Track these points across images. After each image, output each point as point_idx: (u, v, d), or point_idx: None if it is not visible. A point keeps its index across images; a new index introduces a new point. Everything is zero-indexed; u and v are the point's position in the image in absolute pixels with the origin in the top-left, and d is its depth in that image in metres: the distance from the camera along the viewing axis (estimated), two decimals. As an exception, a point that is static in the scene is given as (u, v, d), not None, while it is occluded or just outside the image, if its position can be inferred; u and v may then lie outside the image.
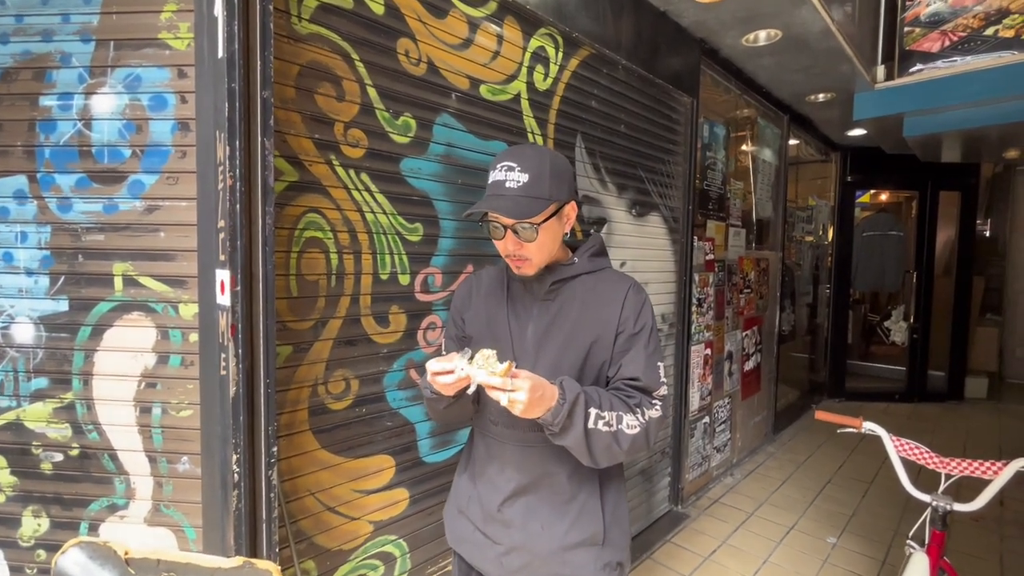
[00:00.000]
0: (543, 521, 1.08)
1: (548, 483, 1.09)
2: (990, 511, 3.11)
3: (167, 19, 1.21)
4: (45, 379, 1.26)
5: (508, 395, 0.87)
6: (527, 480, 1.09)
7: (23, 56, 1.22)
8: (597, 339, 1.06)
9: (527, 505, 1.10)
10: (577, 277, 1.10)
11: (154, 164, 1.23)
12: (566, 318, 1.07)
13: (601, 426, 0.95)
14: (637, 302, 1.07)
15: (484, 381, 0.87)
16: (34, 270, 1.25)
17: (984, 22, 3.28)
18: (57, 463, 1.27)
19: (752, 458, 3.95)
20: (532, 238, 1.00)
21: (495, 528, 1.12)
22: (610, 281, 1.10)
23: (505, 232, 1.01)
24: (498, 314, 1.13)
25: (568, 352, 1.06)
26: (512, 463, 1.10)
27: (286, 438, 1.35)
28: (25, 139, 1.23)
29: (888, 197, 6.54)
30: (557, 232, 1.05)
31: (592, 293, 1.09)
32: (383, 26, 1.49)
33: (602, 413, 0.95)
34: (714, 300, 3.28)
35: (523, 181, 0.98)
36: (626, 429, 0.97)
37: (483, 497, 1.14)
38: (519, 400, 0.86)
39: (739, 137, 3.64)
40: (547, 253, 1.05)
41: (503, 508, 1.11)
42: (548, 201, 1.00)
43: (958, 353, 5.52)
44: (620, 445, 0.97)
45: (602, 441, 0.96)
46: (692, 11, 2.54)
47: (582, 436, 0.94)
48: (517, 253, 1.03)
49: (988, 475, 1.46)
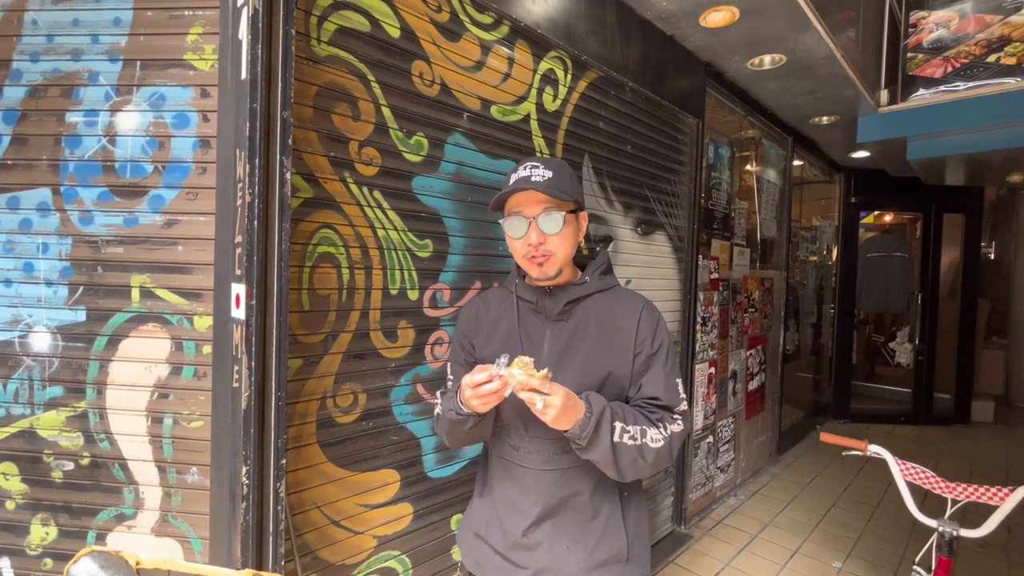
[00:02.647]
0: (569, 542, 1.09)
1: (572, 503, 1.09)
2: (997, 538, 3.08)
3: (193, 41, 1.25)
4: (60, 388, 1.28)
5: (544, 399, 0.88)
6: (552, 502, 1.09)
7: (52, 74, 1.27)
8: (615, 362, 1.07)
9: (553, 527, 1.09)
10: (589, 296, 1.11)
11: (175, 180, 1.26)
12: (582, 339, 1.08)
13: (627, 439, 0.97)
14: (652, 322, 1.09)
15: (524, 381, 0.87)
16: (54, 281, 1.28)
17: (986, 49, 3.33)
18: (68, 472, 1.28)
19: (756, 479, 3.92)
20: (557, 227, 1.02)
21: (519, 553, 1.12)
22: (623, 301, 1.12)
23: (528, 226, 1.04)
24: (510, 335, 1.13)
25: (587, 374, 1.06)
26: (536, 487, 1.10)
27: (293, 451, 1.36)
28: (50, 153, 1.27)
29: (892, 218, 6.55)
30: (577, 234, 1.10)
31: (607, 314, 1.10)
32: (399, 49, 1.54)
33: (627, 427, 0.97)
34: (718, 319, 3.29)
35: (548, 176, 1.03)
36: (650, 443, 0.99)
37: (505, 522, 1.13)
38: (554, 405, 0.88)
39: (743, 157, 3.69)
40: (569, 250, 1.07)
41: (529, 533, 1.10)
42: (570, 198, 1.05)
43: (964, 376, 5.49)
44: (645, 458, 0.99)
45: (628, 454, 0.97)
46: (698, 36, 2.60)
47: (609, 449, 0.95)
48: (540, 249, 1.04)
49: (995, 501, 1.45)
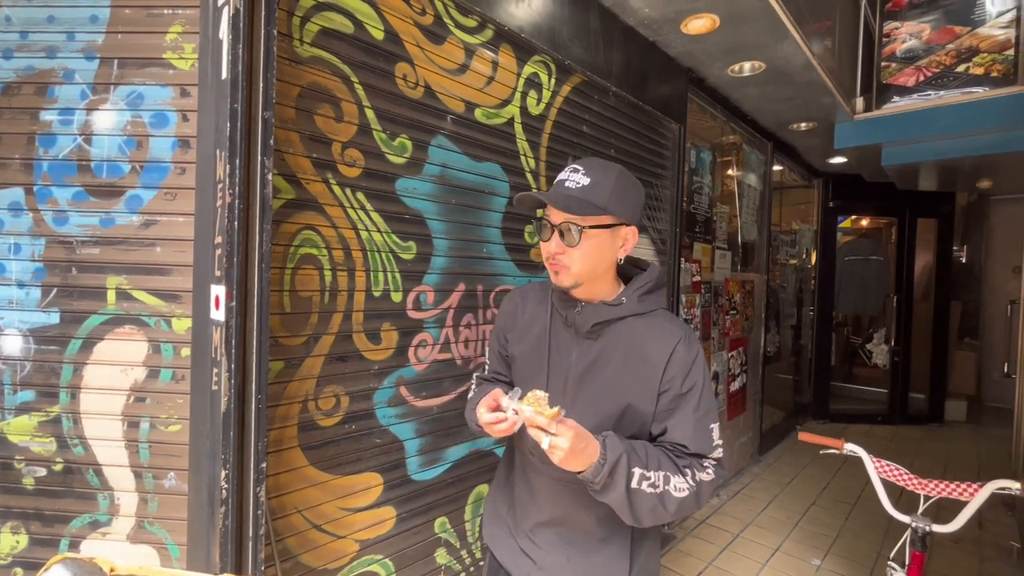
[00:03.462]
0: (570, 555, 1.08)
1: (578, 522, 1.07)
2: (970, 533, 3.16)
3: (172, 40, 1.24)
4: (32, 392, 1.25)
5: (550, 439, 0.84)
6: (558, 514, 1.08)
7: (26, 71, 1.24)
8: (637, 395, 1.00)
9: (557, 535, 1.09)
10: (623, 319, 1.02)
11: (153, 180, 1.24)
12: (607, 364, 1.02)
13: (646, 487, 0.90)
14: (687, 360, 0.98)
15: (530, 418, 0.85)
16: (26, 282, 1.25)
17: (956, 59, 3.44)
18: (40, 478, 1.25)
19: (738, 479, 3.97)
20: (574, 242, 0.96)
21: (527, 543, 1.13)
22: (659, 331, 1.01)
23: (552, 233, 0.99)
24: (541, 343, 1.10)
25: (605, 403, 1.01)
26: (544, 495, 1.09)
27: (274, 454, 1.34)
28: (24, 152, 1.24)
29: (869, 223, 6.72)
30: (606, 249, 1.00)
31: (638, 342, 1.01)
32: (382, 50, 1.54)
33: (647, 474, 0.90)
34: (700, 321, 3.34)
35: (583, 184, 0.96)
36: (673, 492, 0.92)
37: (518, 513, 1.16)
38: (560, 447, 0.83)
39: (725, 162, 3.75)
40: (589, 267, 0.99)
41: (534, 531, 1.12)
42: (602, 210, 0.96)
43: (938, 376, 5.64)
44: (666, 507, 0.92)
45: (646, 503, 0.91)
46: (680, 42, 2.64)
47: (624, 496, 0.89)
48: (558, 258, 0.99)
49: (965, 497, 1.50)
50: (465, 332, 1.84)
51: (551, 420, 0.83)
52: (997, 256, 6.43)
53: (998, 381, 5.80)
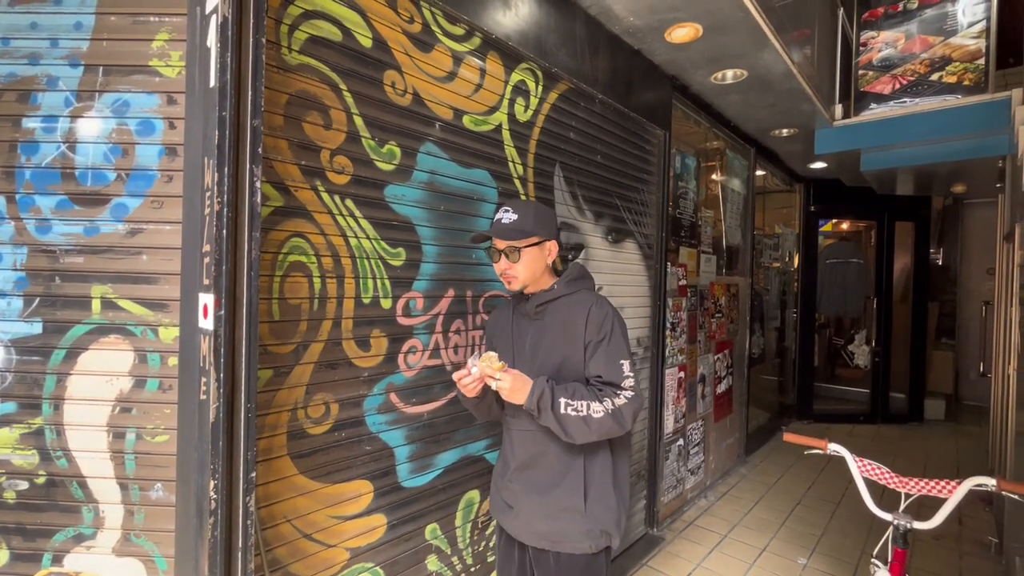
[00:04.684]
0: (535, 492, 1.41)
1: (542, 461, 1.42)
2: (950, 529, 3.23)
3: (158, 47, 1.23)
4: (13, 404, 1.22)
5: (496, 383, 1.27)
6: (526, 457, 1.44)
7: (8, 78, 1.23)
8: (569, 350, 1.38)
9: (527, 478, 1.44)
10: (557, 300, 1.43)
11: (139, 188, 1.23)
12: (549, 333, 1.42)
13: (571, 412, 1.27)
14: (598, 316, 1.37)
15: (484, 369, 1.27)
16: (7, 292, 1.22)
17: (929, 68, 3.55)
18: (21, 491, 1.23)
19: (725, 480, 4.02)
20: (516, 259, 1.39)
21: (509, 495, 1.47)
22: (580, 301, 1.41)
23: (500, 255, 1.41)
24: (508, 330, 1.53)
25: (547, 360, 1.41)
26: (518, 444, 1.45)
27: (264, 463, 1.33)
28: (5, 160, 1.22)
29: (849, 226, 6.86)
30: (539, 259, 1.43)
31: (567, 312, 1.41)
32: (371, 58, 1.54)
33: (571, 401, 1.27)
34: (687, 324, 3.38)
35: (513, 219, 1.38)
36: (593, 414, 1.27)
37: (507, 471, 1.50)
38: (504, 387, 1.27)
39: (709, 167, 3.81)
40: (530, 274, 1.41)
41: (512, 478, 1.47)
42: (529, 235, 1.38)
43: (917, 376, 5.77)
44: (590, 426, 1.27)
45: (573, 423, 1.27)
46: (664, 50, 2.69)
47: (555, 419, 1.27)
48: (507, 272, 1.41)
49: (944, 494, 1.53)
50: (455, 338, 1.84)
51: (496, 370, 1.26)
52: (972, 258, 6.61)
53: (974, 380, 5.96)
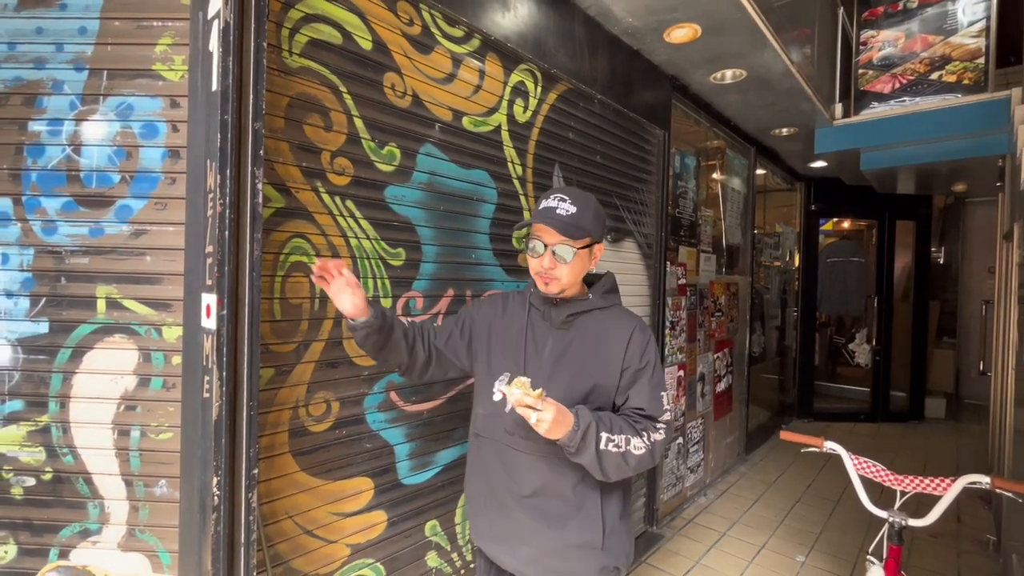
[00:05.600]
0: (550, 523, 1.24)
1: (556, 490, 1.24)
2: (948, 527, 3.25)
3: (161, 51, 1.25)
4: (20, 401, 1.25)
5: (538, 415, 1.03)
6: (538, 484, 1.24)
7: (14, 82, 1.25)
8: (603, 374, 1.22)
9: (536, 507, 1.25)
10: (590, 312, 1.26)
11: (143, 190, 1.25)
12: (579, 348, 1.24)
13: (611, 448, 1.11)
14: (642, 341, 1.23)
15: (519, 399, 1.03)
16: (14, 292, 1.25)
17: (929, 67, 3.55)
18: (28, 487, 1.25)
19: (725, 478, 4.03)
20: (567, 260, 1.18)
21: (510, 525, 1.28)
22: (619, 319, 1.26)
23: (545, 250, 1.19)
24: (519, 333, 1.30)
25: (579, 380, 1.22)
26: (523, 471, 1.25)
27: (265, 460, 1.35)
28: (11, 163, 1.25)
29: (850, 225, 6.86)
30: (585, 264, 1.25)
31: (603, 329, 1.25)
32: (371, 61, 1.56)
33: (612, 436, 1.12)
34: (687, 323, 3.39)
35: (572, 211, 1.18)
36: (633, 450, 1.13)
37: (500, 497, 1.29)
38: (545, 420, 1.03)
39: (709, 167, 3.82)
40: (574, 278, 1.23)
41: (518, 507, 1.26)
42: (587, 234, 1.20)
43: (918, 375, 5.77)
44: (628, 463, 1.14)
45: (612, 460, 1.12)
46: (663, 51, 2.70)
47: (595, 456, 1.11)
48: (549, 272, 1.20)
49: (939, 491, 1.55)
50: (454, 337, 1.86)
51: (537, 399, 1.02)
52: (973, 257, 6.61)
53: (975, 379, 5.95)
